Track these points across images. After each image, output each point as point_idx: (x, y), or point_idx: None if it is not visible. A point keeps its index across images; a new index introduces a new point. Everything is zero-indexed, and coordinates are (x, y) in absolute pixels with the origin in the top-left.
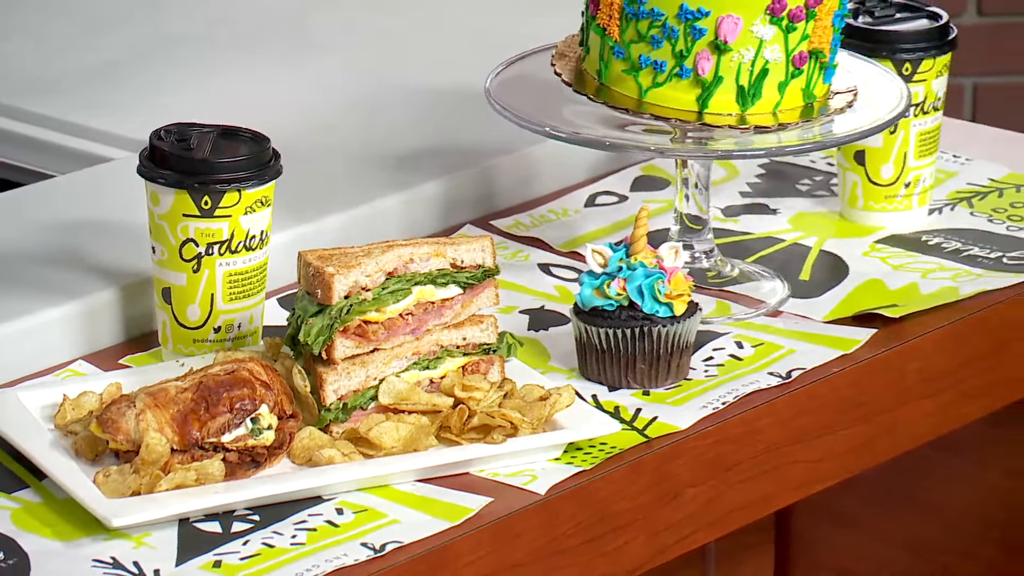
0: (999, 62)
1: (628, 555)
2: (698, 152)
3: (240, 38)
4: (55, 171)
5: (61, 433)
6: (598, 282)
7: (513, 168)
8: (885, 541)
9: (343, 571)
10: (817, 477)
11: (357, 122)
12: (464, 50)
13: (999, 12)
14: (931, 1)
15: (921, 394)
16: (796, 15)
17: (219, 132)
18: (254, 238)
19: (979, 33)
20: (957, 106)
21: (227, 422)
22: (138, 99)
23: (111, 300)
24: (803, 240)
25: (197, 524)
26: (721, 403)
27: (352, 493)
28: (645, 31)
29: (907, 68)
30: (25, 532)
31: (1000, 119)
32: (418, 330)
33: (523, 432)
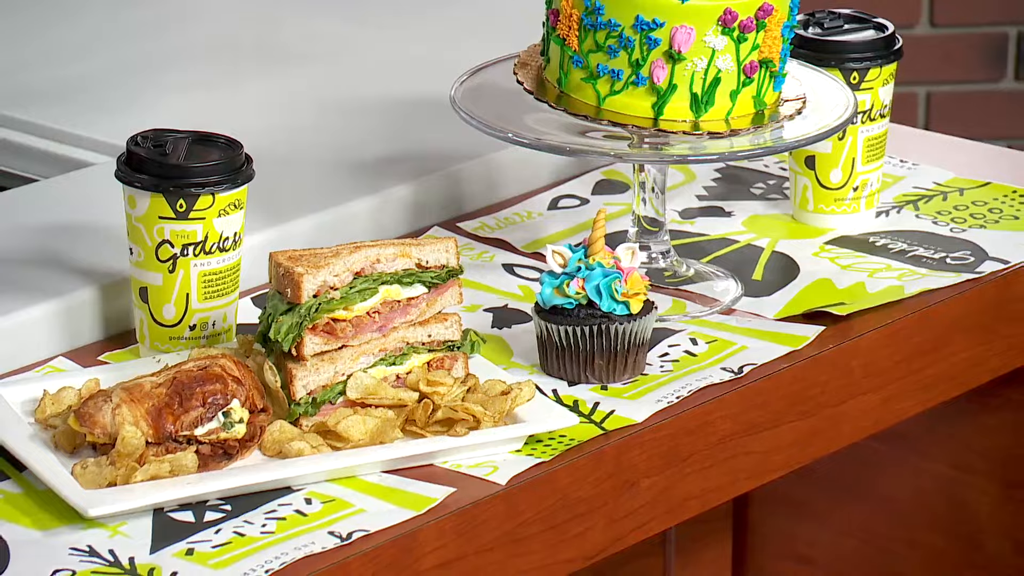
0: (950, 71)
1: (588, 541)
2: (654, 157)
3: (216, 52)
4: (38, 175)
5: (41, 426)
6: (558, 282)
7: (479, 173)
8: (837, 529)
9: (311, 559)
10: (767, 468)
11: (328, 130)
12: (430, 60)
13: (950, 23)
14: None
15: (865, 389)
16: (747, 26)
17: (193, 138)
18: (227, 240)
19: (932, 43)
20: (911, 113)
21: (200, 416)
22: (118, 108)
23: (91, 299)
24: (756, 241)
25: (171, 514)
26: (676, 397)
27: (320, 484)
28: (603, 41)
29: (855, 77)
30: (5, 521)
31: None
32: (384, 328)
33: (485, 425)
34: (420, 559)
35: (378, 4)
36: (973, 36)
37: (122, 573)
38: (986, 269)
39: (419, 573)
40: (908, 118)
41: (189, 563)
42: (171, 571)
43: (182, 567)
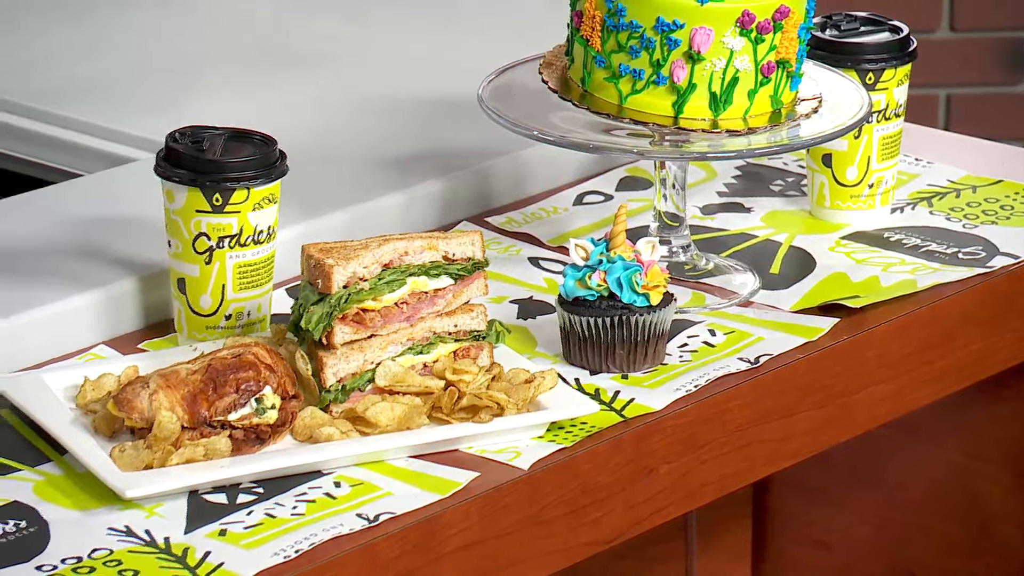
0: (969, 74)
1: (607, 525)
2: (674, 154)
3: (253, 54)
4: (83, 170)
5: (81, 412)
6: (580, 274)
7: (506, 169)
8: (852, 516)
9: (340, 539)
10: (782, 455)
11: (359, 128)
12: (456, 61)
13: (969, 28)
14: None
15: (878, 379)
16: (764, 27)
17: (229, 134)
18: (261, 233)
19: (951, 47)
20: (931, 115)
21: (233, 402)
22: (159, 106)
23: (131, 290)
24: (774, 236)
25: (205, 496)
26: (694, 386)
27: (349, 468)
28: (624, 42)
29: (870, 78)
30: (46, 502)
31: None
32: (412, 318)
33: (509, 412)
34: (445, 541)
35: (406, 7)
36: (991, 40)
37: (157, 552)
38: (997, 264)
39: (444, 554)
40: (928, 119)
41: (222, 543)
42: (204, 551)
43: (215, 547)
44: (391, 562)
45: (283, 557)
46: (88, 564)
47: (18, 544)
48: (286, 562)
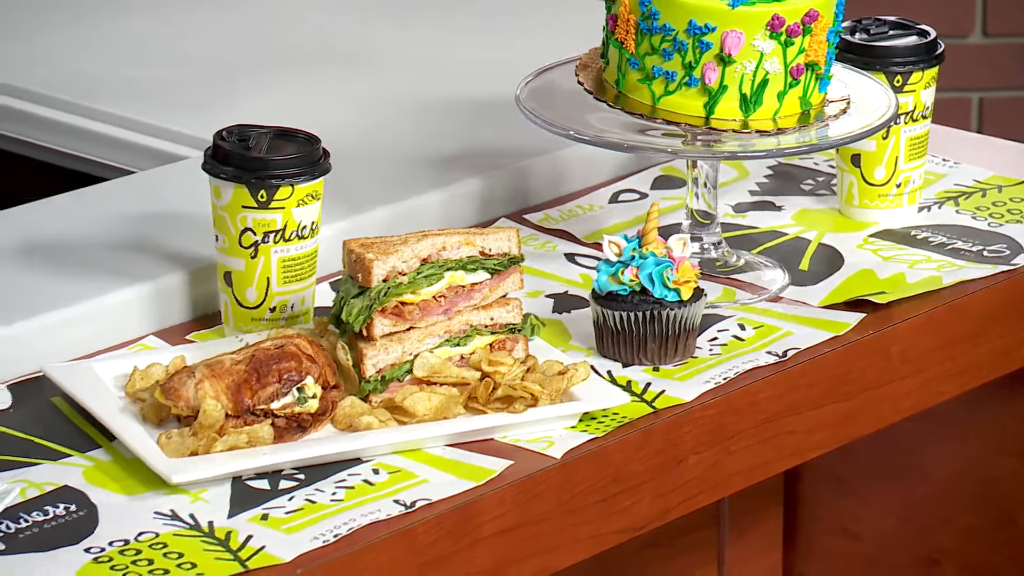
0: (1001, 78)
1: (638, 513)
2: (706, 154)
3: (299, 57)
4: (135, 168)
5: (130, 400)
6: (613, 270)
7: (544, 168)
8: (880, 506)
9: (377, 525)
10: (809, 446)
11: (401, 128)
12: (497, 63)
13: (1002, 33)
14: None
15: (904, 373)
16: (793, 31)
17: (275, 133)
18: (305, 228)
19: (984, 52)
20: (964, 118)
21: (276, 391)
22: (209, 106)
23: (180, 283)
24: (804, 234)
25: (248, 482)
26: (723, 378)
27: (387, 456)
28: (658, 44)
29: (898, 80)
30: (95, 487)
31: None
32: (450, 311)
33: (542, 403)
34: (480, 527)
35: (448, 12)
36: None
37: (201, 536)
38: (1021, 262)
39: (478, 540)
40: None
41: (263, 527)
42: (247, 535)
43: (257, 531)
44: (427, 547)
45: (322, 541)
46: (135, 546)
47: (68, 527)
48: (325, 546)
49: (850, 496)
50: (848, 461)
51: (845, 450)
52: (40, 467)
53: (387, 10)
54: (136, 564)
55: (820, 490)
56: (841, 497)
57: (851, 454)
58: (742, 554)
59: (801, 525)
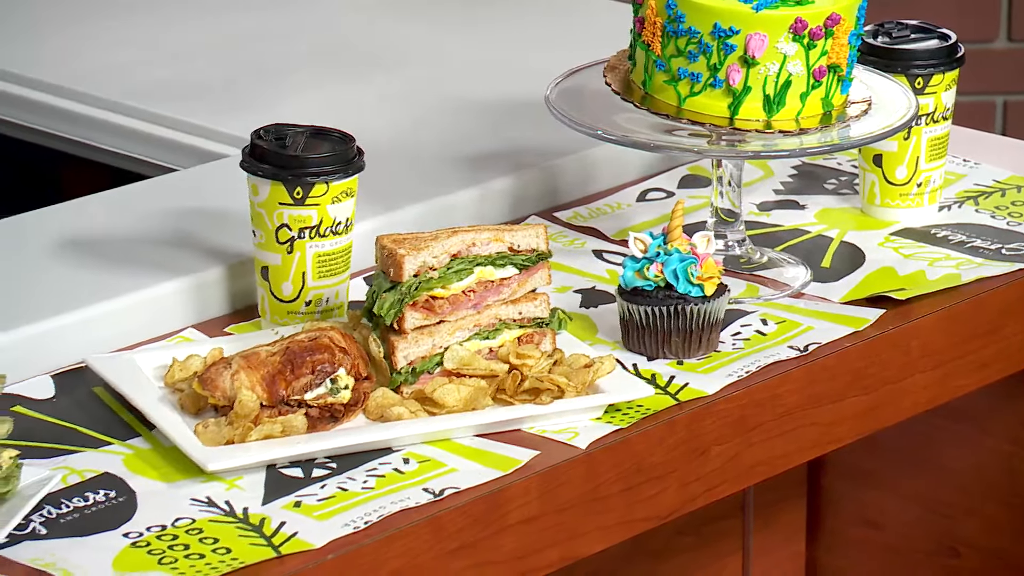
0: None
1: (661, 502)
2: (730, 153)
3: (335, 58)
4: (177, 166)
5: (169, 390)
6: (639, 266)
7: (573, 167)
8: (902, 497)
9: (407, 512)
10: (829, 438)
11: (433, 128)
12: (528, 65)
13: None
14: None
15: (922, 367)
16: (816, 33)
17: (311, 132)
18: (339, 224)
19: (1009, 56)
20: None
21: (309, 382)
22: (248, 105)
23: (218, 277)
24: (827, 232)
25: (282, 470)
26: (745, 372)
27: (417, 445)
28: (683, 47)
29: (919, 82)
30: (134, 474)
31: None
32: (479, 305)
33: (568, 395)
34: (506, 515)
35: (481, 15)
36: None
37: (236, 522)
38: None
39: (505, 527)
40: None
41: (296, 514)
42: (280, 521)
43: (290, 518)
44: (455, 534)
45: (353, 528)
46: (172, 532)
47: (108, 512)
48: (356, 532)
49: (872, 488)
50: (871, 453)
51: (868, 443)
52: (81, 454)
53: (421, 14)
54: (173, 549)
55: (843, 482)
56: (863, 489)
57: (874, 447)
58: (766, 544)
59: (824, 516)
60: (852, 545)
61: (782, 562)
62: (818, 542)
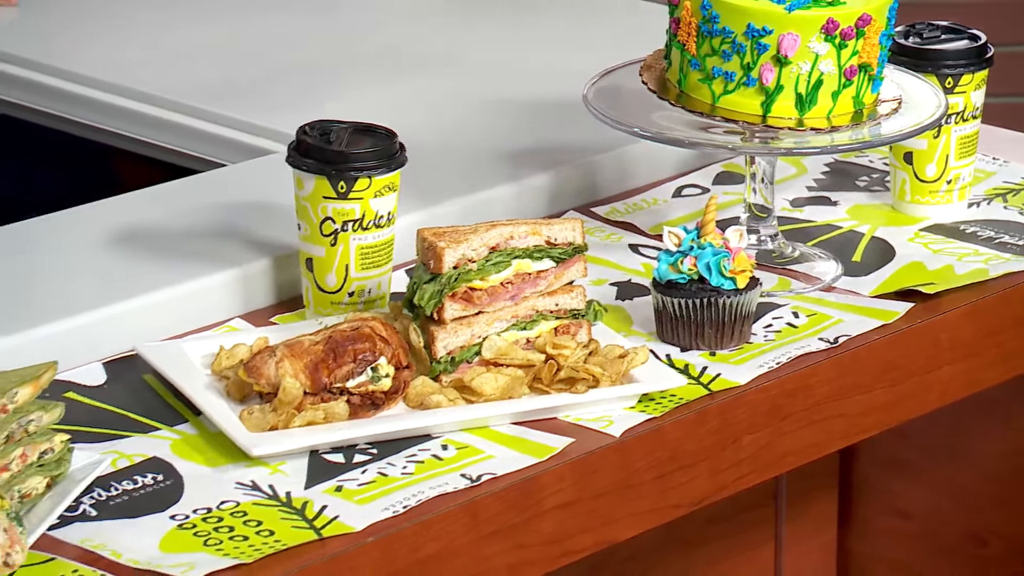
0: None
1: (693, 489)
2: (763, 150)
3: (379, 58)
4: (226, 161)
5: (216, 377)
6: (673, 259)
7: (611, 164)
8: (932, 487)
9: (445, 497)
10: (858, 429)
11: (474, 126)
12: (566, 64)
13: None
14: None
15: (950, 360)
16: (847, 33)
17: (354, 128)
18: (382, 217)
19: None
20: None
21: (351, 370)
22: (298, 103)
23: (264, 269)
24: (858, 228)
25: (324, 455)
26: (776, 363)
27: (455, 432)
28: (717, 46)
29: (949, 82)
30: (181, 459)
31: None
32: (516, 297)
33: (603, 384)
34: (542, 500)
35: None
36: None
37: (279, 505)
38: None
39: (540, 512)
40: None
41: (337, 498)
42: (322, 505)
43: (331, 502)
44: (491, 518)
45: (392, 512)
46: (217, 514)
47: (156, 495)
48: (395, 516)
49: (902, 478)
50: (901, 444)
51: (898, 434)
52: (131, 439)
53: (467, 19)
54: (217, 531)
55: (874, 472)
56: (894, 479)
57: (904, 438)
58: (798, 532)
59: (855, 505)
60: (882, 534)
61: (814, 550)
62: (849, 531)
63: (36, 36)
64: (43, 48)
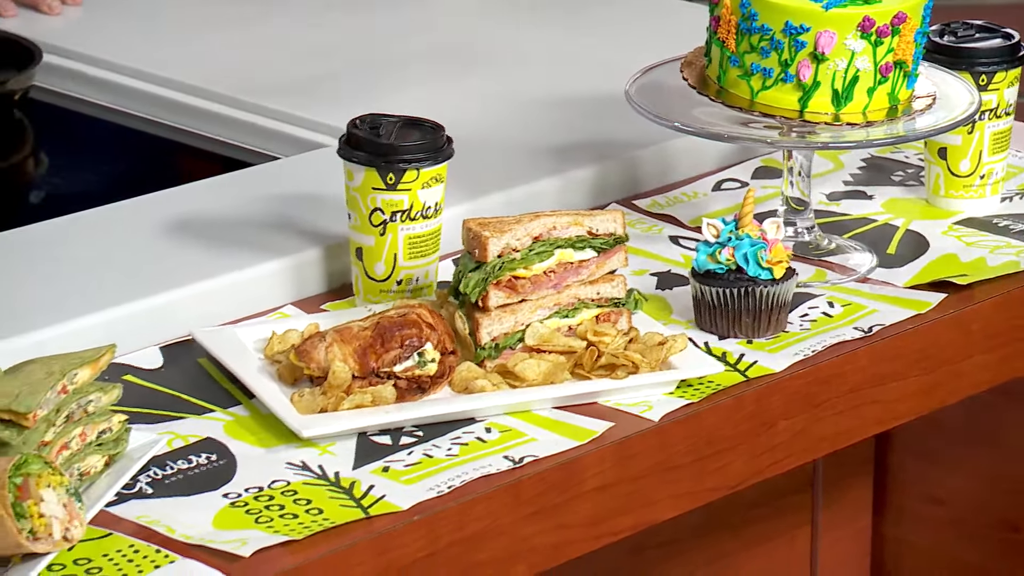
0: None
1: (730, 473)
2: (800, 144)
3: (427, 56)
4: (279, 154)
5: (268, 361)
6: (711, 250)
7: (652, 158)
8: (964, 474)
9: (488, 478)
10: (891, 415)
11: (519, 121)
12: (609, 61)
13: None
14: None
15: (982, 349)
16: (883, 31)
17: (403, 122)
18: (429, 208)
19: None
20: None
21: (398, 355)
22: (352, 99)
23: (316, 258)
24: (893, 221)
25: (372, 437)
26: (812, 351)
27: (499, 416)
28: (756, 43)
29: (983, 79)
30: (234, 439)
31: None
32: (559, 285)
33: (643, 370)
34: (582, 482)
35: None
36: None
37: (328, 484)
38: None
39: (581, 494)
40: None
41: (384, 479)
42: (369, 484)
43: (378, 481)
44: (533, 498)
45: (437, 492)
46: (268, 493)
47: (209, 474)
48: (440, 496)
49: (936, 465)
50: (935, 432)
51: (932, 422)
52: (186, 420)
53: (511, 17)
54: (268, 509)
55: (908, 459)
56: (928, 466)
57: (938, 426)
58: (835, 518)
59: (890, 492)
60: (916, 520)
61: (849, 536)
62: (884, 517)
63: (101, 34)
64: (108, 46)
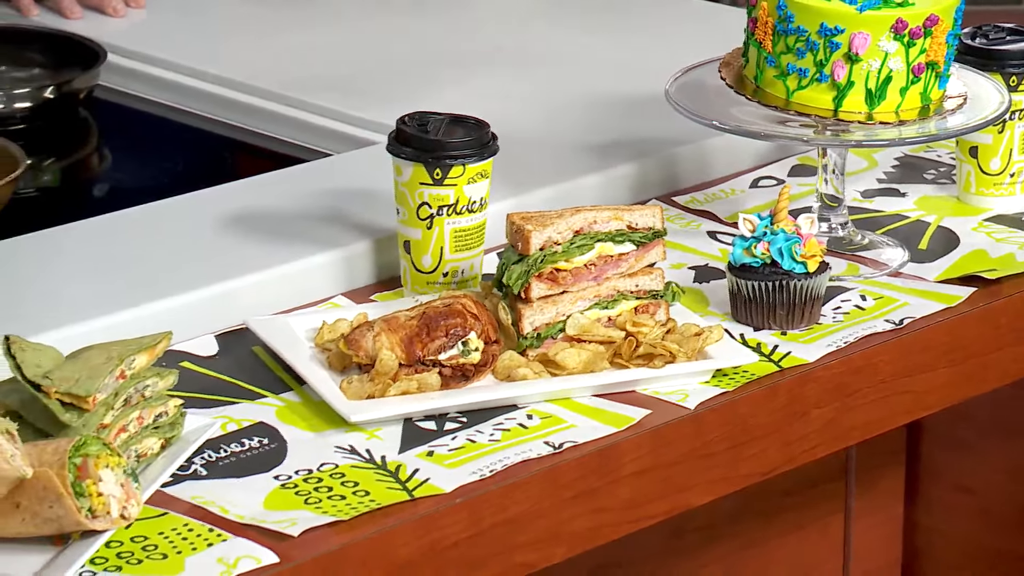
0: None
1: (764, 459)
2: (834, 142)
3: (475, 56)
4: (331, 150)
5: (319, 350)
6: (747, 244)
7: (691, 156)
8: (992, 465)
9: (529, 463)
10: (921, 406)
11: (563, 119)
12: (650, 62)
13: None
14: None
15: (1010, 342)
16: (916, 33)
17: (450, 119)
18: (475, 203)
19: None
20: None
21: (443, 344)
22: (401, 98)
23: (365, 250)
24: (924, 217)
25: (417, 423)
26: (844, 342)
27: (540, 403)
28: (792, 44)
29: (1013, 80)
30: (285, 424)
31: None
32: (599, 277)
33: (680, 360)
34: (620, 467)
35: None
36: None
37: (375, 468)
38: None
39: (618, 479)
40: None
41: (429, 462)
42: (414, 468)
43: (423, 465)
44: (571, 483)
45: (480, 475)
46: (317, 475)
47: (261, 457)
48: (482, 479)
49: (967, 455)
50: (965, 423)
51: (963, 413)
52: (239, 405)
53: (556, 19)
54: (317, 491)
55: (939, 449)
56: (959, 456)
57: (968, 417)
58: (867, 506)
59: (921, 481)
60: (947, 509)
61: (881, 523)
62: (915, 505)
63: (162, 35)
64: (169, 46)
